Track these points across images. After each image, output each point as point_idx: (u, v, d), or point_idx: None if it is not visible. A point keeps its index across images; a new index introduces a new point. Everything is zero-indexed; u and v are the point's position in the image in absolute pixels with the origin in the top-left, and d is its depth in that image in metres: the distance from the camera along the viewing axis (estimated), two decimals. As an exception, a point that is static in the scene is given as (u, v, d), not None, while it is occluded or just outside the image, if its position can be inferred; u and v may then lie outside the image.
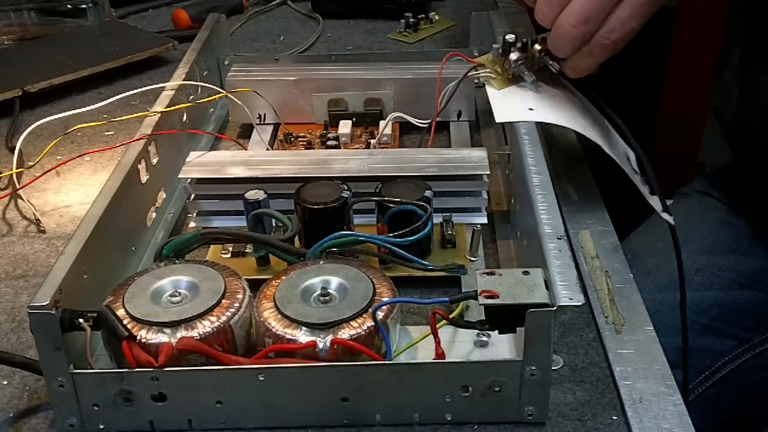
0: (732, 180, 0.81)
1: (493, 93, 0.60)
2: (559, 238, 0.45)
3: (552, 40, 0.56)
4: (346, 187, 0.54)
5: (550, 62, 0.58)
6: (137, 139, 0.58)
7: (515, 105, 0.59)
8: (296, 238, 0.53)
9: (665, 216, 0.54)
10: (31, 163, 0.70)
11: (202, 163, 0.60)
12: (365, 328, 0.44)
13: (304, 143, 0.70)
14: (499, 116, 0.58)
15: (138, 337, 0.43)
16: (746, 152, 0.76)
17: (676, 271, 0.66)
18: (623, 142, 0.59)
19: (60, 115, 0.67)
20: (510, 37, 0.59)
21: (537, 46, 0.59)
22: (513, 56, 0.59)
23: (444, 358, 0.44)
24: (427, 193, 0.54)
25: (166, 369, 0.42)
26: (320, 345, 0.43)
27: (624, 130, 0.57)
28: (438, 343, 0.44)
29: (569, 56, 0.57)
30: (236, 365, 0.43)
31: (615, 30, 0.55)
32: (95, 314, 0.43)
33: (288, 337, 0.43)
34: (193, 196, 0.59)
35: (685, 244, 0.75)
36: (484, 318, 0.43)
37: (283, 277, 0.47)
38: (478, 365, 0.43)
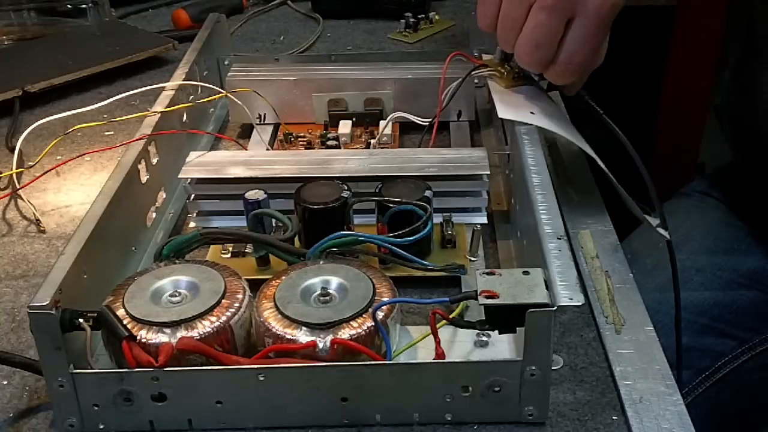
0: (732, 180, 0.81)
1: (496, 89, 0.61)
2: (559, 238, 0.45)
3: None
4: (346, 187, 0.54)
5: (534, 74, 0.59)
6: (137, 139, 0.58)
7: (518, 105, 0.59)
8: (296, 238, 0.53)
9: (662, 232, 0.54)
10: (31, 163, 0.70)
11: (202, 163, 0.60)
12: (365, 328, 0.44)
13: (304, 143, 0.70)
14: (502, 112, 0.58)
15: (138, 337, 0.43)
16: (746, 151, 0.77)
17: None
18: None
19: (60, 115, 0.67)
20: None
21: None
22: None
23: (444, 358, 0.44)
24: (427, 193, 0.54)
25: (166, 369, 0.42)
26: (320, 345, 0.43)
27: (624, 141, 0.57)
28: (438, 343, 0.44)
29: (544, 72, 0.57)
30: (236, 365, 0.43)
31: (575, 53, 0.54)
32: (95, 314, 0.43)
33: (288, 337, 0.43)
34: (193, 196, 0.59)
35: (685, 244, 0.75)
36: (484, 318, 0.43)
37: (283, 277, 0.47)
38: (478, 365, 0.43)
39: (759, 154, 0.73)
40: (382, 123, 0.69)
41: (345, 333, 0.43)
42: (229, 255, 0.56)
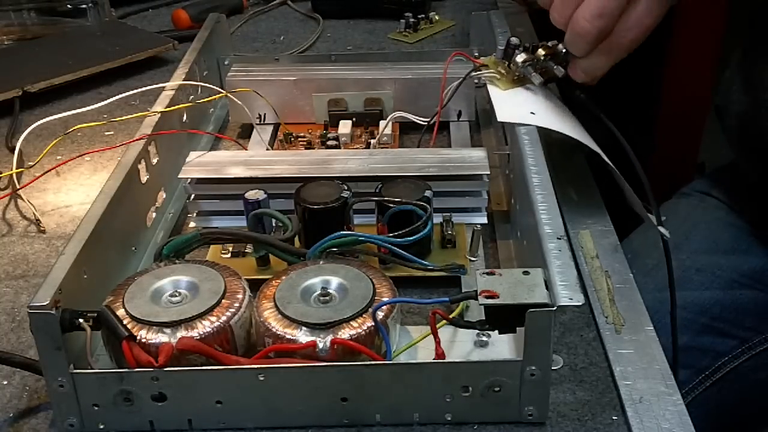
0: (732, 180, 0.81)
1: (495, 92, 0.60)
2: (559, 238, 0.45)
3: (569, 37, 0.56)
4: (346, 187, 0.54)
5: (555, 66, 0.59)
6: (137, 139, 0.58)
7: (518, 106, 0.59)
8: (296, 238, 0.53)
9: (661, 230, 0.55)
10: (31, 163, 0.70)
11: (202, 163, 0.60)
12: (365, 328, 0.44)
13: (304, 143, 0.70)
14: (501, 115, 0.58)
15: (138, 337, 0.43)
16: (747, 150, 0.76)
17: (676, 271, 0.66)
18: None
19: (60, 115, 0.67)
20: (514, 40, 0.60)
21: (541, 51, 0.59)
22: (519, 58, 0.59)
23: (444, 358, 0.44)
24: (427, 193, 0.54)
25: (166, 369, 0.42)
26: (320, 345, 0.43)
27: (621, 140, 0.57)
28: (438, 343, 0.44)
29: (585, 54, 0.57)
30: (236, 365, 0.43)
31: (632, 28, 0.55)
32: (95, 314, 0.43)
33: (288, 337, 0.43)
34: (193, 196, 0.59)
35: (685, 243, 0.75)
36: (484, 318, 0.43)
37: (283, 277, 0.47)
38: (478, 365, 0.43)
39: (760, 153, 0.73)
40: (382, 123, 0.70)
41: (345, 333, 0.43)
42: (229, 255, 0.56)
